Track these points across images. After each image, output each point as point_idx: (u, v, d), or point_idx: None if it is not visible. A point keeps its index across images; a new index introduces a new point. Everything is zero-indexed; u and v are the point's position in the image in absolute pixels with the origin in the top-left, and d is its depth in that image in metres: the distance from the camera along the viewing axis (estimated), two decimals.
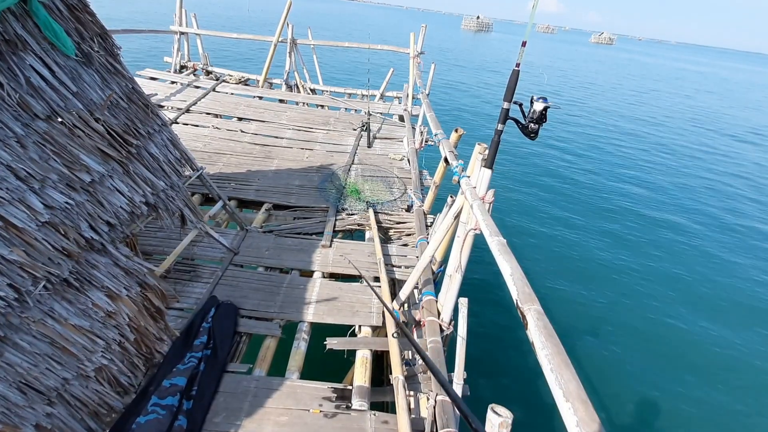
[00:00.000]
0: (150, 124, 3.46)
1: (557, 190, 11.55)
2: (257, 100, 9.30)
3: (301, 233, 4.76)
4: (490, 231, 2.28)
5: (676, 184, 13.24)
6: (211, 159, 6.17)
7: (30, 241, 2.15)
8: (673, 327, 6.74)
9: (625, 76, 43.90)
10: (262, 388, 2.81)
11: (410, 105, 9.25)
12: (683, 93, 36.89)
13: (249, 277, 3.92)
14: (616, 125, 20.23)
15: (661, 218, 10.55)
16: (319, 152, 6.96)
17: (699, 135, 20.32)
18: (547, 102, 2.53)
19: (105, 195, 2.69)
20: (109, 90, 3.12)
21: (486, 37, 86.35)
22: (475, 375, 3.41)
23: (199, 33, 10.84)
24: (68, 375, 2.20)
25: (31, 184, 2.26)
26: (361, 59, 26.05)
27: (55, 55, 2.77)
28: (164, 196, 3.30)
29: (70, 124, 2.67)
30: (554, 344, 1.41)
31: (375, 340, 3.40)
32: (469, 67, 34.68)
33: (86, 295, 2.40)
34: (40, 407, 2.05)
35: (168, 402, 2.42)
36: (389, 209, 5.34)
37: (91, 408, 2.31)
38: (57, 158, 2.48)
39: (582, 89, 30.52)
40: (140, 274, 2.79)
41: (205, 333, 3.01)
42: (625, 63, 65.31)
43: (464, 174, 3.29)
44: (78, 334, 2.29)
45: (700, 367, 6.04)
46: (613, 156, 15.37)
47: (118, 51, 3.39)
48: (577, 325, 6.54)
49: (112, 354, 2.47)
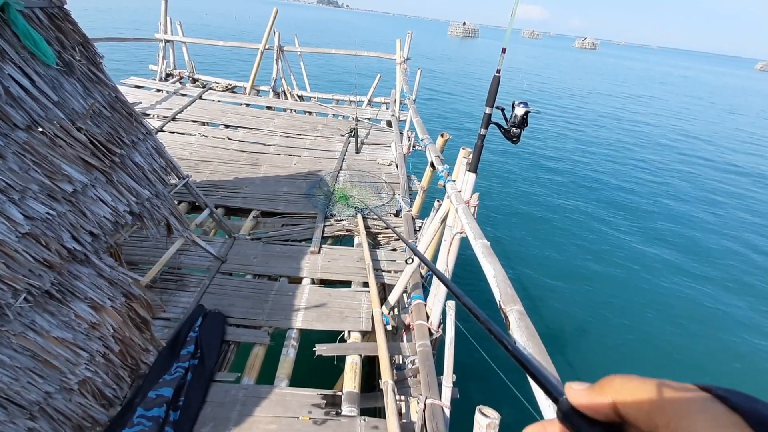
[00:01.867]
0: (134, 132, 3.44)
1: (544, 193, 11.72)
2: (244, 107, 9.28)
3: (290, 240, 4.75)
4: (474, 234, 2.31)
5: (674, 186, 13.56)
6: (197, 167, 6.12)
7: (10, 253, 2.11)
8: (653, 326, 6.88)
9: (610, 81, 44.76)
10: (250, 397, 2.79)
11: (398, 110, 9.31)
12: (671, 96, 37.78)
13: (237, 285, 3.89)
14: (599, 129, 20.62)
15: (647, 223, 10.75)
16: (307, 158, 6.96)
17: (685, 142, 20.80)
18: (528, 107, 2.58)
19: (88, 205, 2.66)
20: (91, 99, 3.09)
21: (473, 43, 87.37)
22: (464, 378, 3.42)
23: (184, 41, 10.80)
24: (51, 388, 2.16)
25: (10, 195, 2.23)
26: (348, 66, 26.17)
27: (35, 65, 2.75)
28: (149, 204, 3.27)
29: (51, 134, 2.64)
30: (536, 344, 1.44)
31: (365, 345, 3.40)
32: (456, 72, 35.05)
33: (69, 306, 2.36)
34: (22, 422, 2.01)
35: (154, 413, 2.39)
36: (378, 214, 5.36)
37: (75, 422, 2.27)
38: (38, 168, 2.45)
39: (568, 94, 31.06)
40: (125, 284, 2.75)
41: (192, 342, 2.98)
42: (609, 67, 66.64)
43: (450, 178, 3.33)
44: (60, 346, 2.25)
45: (683, 363, 6.16)
46: (604, 159, 15.64)
47: (100, 60, 3.37)
48: (564, 324, 6.62)
49: (97, 366, 2.43)
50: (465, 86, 28.17)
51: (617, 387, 0.31)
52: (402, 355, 3.44)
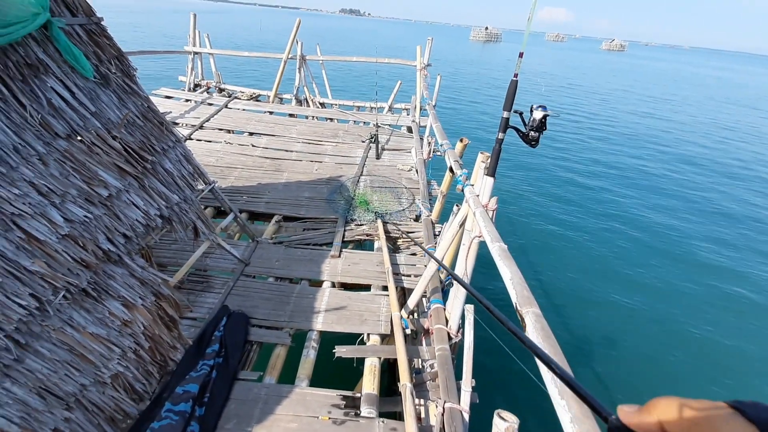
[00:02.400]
0: (164, 140, 3.61)
1: (566, 197, 11.49)
2: (268, 115, 9.53)
3: (311, 244, 4.84)
4: (491, 237, 2.31)
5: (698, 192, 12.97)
6: (223, 173, 6.33)
7: (51, 253, 2.26)
8: (679, 332, 6.62)
9: (645, 84, 43.21)
10: (272, 396, 2.86)
11: (418, 116, 9.36)
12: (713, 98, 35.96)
13: (260, 287, 4.00)
14: (629, 132, 20.00)
15: (671, 225, 10.36)
16: (328, 164, 7.08)
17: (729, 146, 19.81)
18: (546, 110, 2.58)
19: (122, 209, 2.81)
20: (125, 109, 3.27)
21: (495, 47, 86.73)
22: (483, 382, 3.40)
23: (212, 52, 11.21)
24: (86, 381, 2.29)
25: (52, 199, 2.39)
26: (369, 73, 26.45)
27: (74, 78, 2.94)
28: (178, 209, 3.41)
29: (88, 142, 2.82)
30: (551, 345, 1.44)
31: (384, 348, 3.43)
32: (476, 76, 34.87)
33: (103, 304, 2.50)
34: (59, 412, 2.13)
35: (181, 408, 2.49)
36: (398, 219, 5.40)
37: (108, 414, 2.39)
38: (76, 174, 2.61)
39: (599, 97, 30.31)
40: (155, 284, 2.89)
41: (217, 341, 3.09)
42: (642, 69, 64.56)
43: (468, 183, 3.34)
44: (95, 341, 2.38)
45: (700, 368, 5.92)
46: (645, 167, 15.02)
47: (134, 72, 3.56)
48: (582, 327, 6.47)
49: (128, 361, 2.55)
50: (486, 91, 27.99)
51: (662, 408, 0.37)
52: (421, 358, 3.45)
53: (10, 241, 2.11)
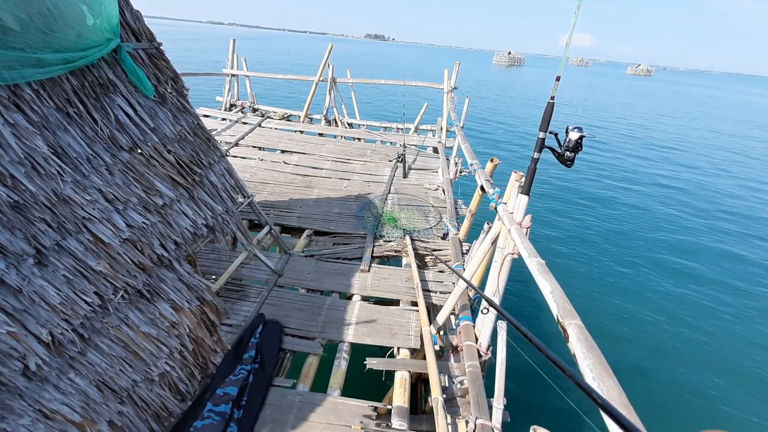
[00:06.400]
0: (211, 155, 3.84)
1: (602, 216, 11.32)
2: (299, 134, 9.88)
3: (341, 258, 4.96)
4: (528, 252, 2.37)
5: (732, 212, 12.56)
6: (257, 188, 6.58)
7: (113, 255, 2.44)
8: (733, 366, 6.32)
9: (677, 110, 42.30)
10: (305, 403, 2.93)
11: (444, 137, 9.52)
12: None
13: (292, 297, 4.11)
14: (669, 158, 19.53)
15: (716, 248, 10.03)
16: (356, 182, 7.26)
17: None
18: (582, 131, 2.65)
19: (174, 217, 3.01)
20: (179, 125, 3.52)
21: (518, 72, 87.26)
22: (515, 400, 3.37)
23: (248, 75, 11.77)
24: (137, 377, 2.43)
25: (116, 205, 2.59)
26: (396, 95, 27.01)
27: (137, 96, 3.20)
28: (221, 219, 3.60)
29: (147, 155, 3.05)
30: (596, 355, 1.48)
31: (414, 362, 3.46)
32: (501, 99, 35.04)
33: (155, 305, 2.66)
34: (114, 405, 2.27)
35: (222, 409, 2.59)
36: (425, 237, 5.47)
37: (154, 410, 2.51)
38: (137, 184, 2.82)
39: (634, 123, 29.84)
40: (200, 289, 3.04)
41: (253, 348, 3.20)
42: (674, 95, 63.38)
43: (501, 201, 3.41)
44: (147, 340, 2.53)
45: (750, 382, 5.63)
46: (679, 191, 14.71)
47: (186, 92, 3.84)
48: (621, 344, 6.30)
49: (174, 361, 2.69)
50: (510, 112, 28.05)
51: None
52: (449, 375, 3.46)
53: (80, 243, 2.30)
